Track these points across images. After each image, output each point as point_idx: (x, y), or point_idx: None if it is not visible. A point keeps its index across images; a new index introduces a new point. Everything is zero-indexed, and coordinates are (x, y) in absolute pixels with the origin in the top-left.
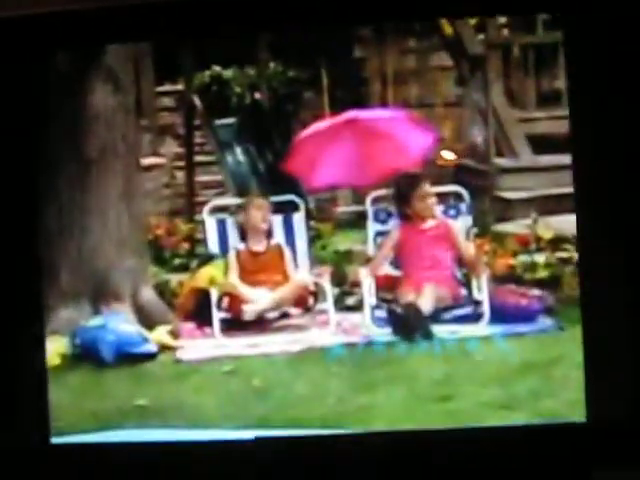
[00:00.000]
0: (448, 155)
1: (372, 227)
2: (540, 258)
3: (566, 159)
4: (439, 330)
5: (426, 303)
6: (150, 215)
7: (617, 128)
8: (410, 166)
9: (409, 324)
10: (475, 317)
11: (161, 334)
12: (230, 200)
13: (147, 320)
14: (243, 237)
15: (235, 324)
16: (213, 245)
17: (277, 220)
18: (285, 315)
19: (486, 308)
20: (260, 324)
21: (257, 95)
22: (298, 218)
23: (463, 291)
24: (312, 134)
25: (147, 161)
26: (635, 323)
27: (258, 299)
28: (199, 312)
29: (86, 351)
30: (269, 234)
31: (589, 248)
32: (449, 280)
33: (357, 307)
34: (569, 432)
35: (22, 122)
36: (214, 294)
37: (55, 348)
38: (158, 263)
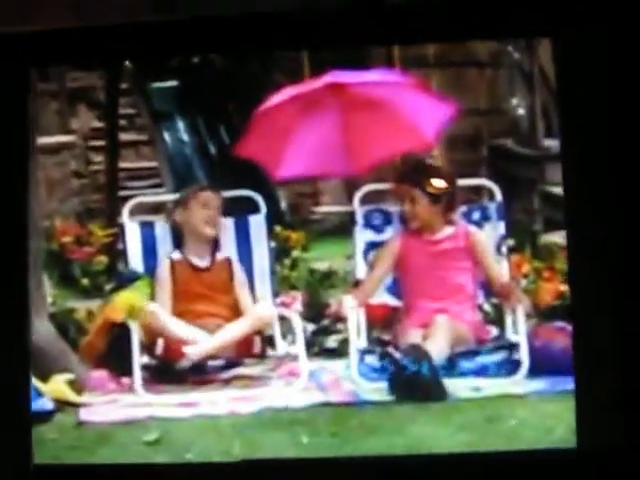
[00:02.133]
0: (439, 183)
1: (362, 236)
2: None
3: None
4: (456, 385)
5: (438, 346)
6: (53, 216)
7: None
8: (417, 149)
9: (414, 376)
10: (509, 367)
11: (59, 385)
12: (163, 196)
13: (40, 365)
14: (179, 244)
15: (164, 374)
16: (135, 260)
17: (228, 225)
18: (234, 363)
19: (524, 354)
20: (199, 375)
21: None
22: (257, 222)
23: (492, 330)
24: (278, 105)
25: (50, 140)
26: (627, 350)
27: (199, 339)
28: (114, 355)
29: None
30: (216, 244)
31: (580, 263)
32: (471, 314)
33: (340, 352)
34: (559, 459)
35: None
36: (135, 329)
37: None
38: (61, 284)
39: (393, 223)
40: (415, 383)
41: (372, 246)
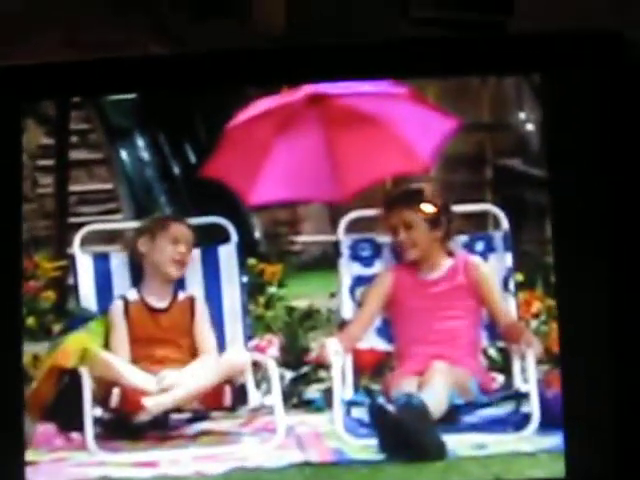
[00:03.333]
0: (428, 208)
1: (348, 270)
2: None
3: None
4: (457, 442)
5: (435, 396)
6: None
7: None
8: (411, 171)
9: (407, 432)
10: (517, 421)
11: None
12: (120, 224)
13: None
14: (137, 279)
15: (120, 428)
16: (88, 297)
17: (193, 256)
18: (200, 416)
19: (535, 406)
20: (160, 430)
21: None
22: (227, 253)
23: (497, 378)
24: (252, 119)
25: None
26: (616, 376)
27: (161, 388)
28: (63, 406)
29: None
30: (179, 282)
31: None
32: (473, 360)
33: (322, 403)
34: None
35: None
36: (87, 378)
37: None
38: None
39: (383, 255)
40: (406, 424)
41: (360, 281)
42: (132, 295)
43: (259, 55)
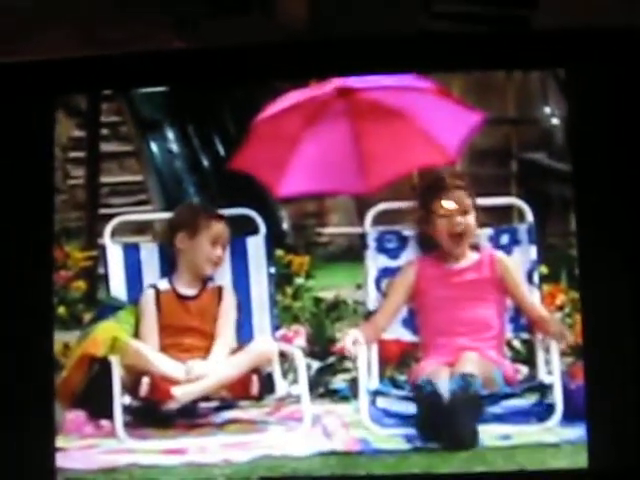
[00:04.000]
0: (449, 205)
1: (374, 262)
2: None
3: None
4: (480, 432)
5: None
6: None
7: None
8: (437, 164)
9: (433, 422)
10: (541, 412)
11: None
12: (150, 215)
13: None
14: (169, 270)
15: (149, 416)
16: (118, 286)
17: None
18: (228, 405)
19: (559, 397)
20: (188, 418)
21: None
22: (255, 245)
23: (522, 368)
24: (280, 112)
25: None
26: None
27: (189, 378)
28: (93, 394)
29: None
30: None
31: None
32: (498, 350)
33: (348, 393)
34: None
35: None
36: (117, 366)
37: None
38: None
39: (409, 247)
40: (457, 409)
41: (386, 273)
42: (163, 285)
43: (287, 49)
